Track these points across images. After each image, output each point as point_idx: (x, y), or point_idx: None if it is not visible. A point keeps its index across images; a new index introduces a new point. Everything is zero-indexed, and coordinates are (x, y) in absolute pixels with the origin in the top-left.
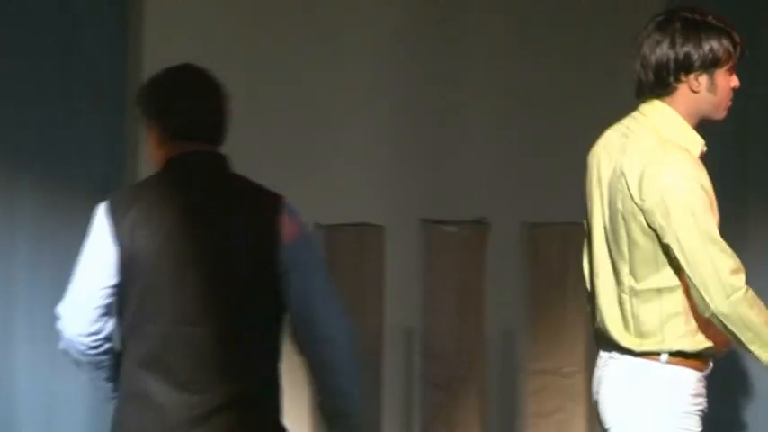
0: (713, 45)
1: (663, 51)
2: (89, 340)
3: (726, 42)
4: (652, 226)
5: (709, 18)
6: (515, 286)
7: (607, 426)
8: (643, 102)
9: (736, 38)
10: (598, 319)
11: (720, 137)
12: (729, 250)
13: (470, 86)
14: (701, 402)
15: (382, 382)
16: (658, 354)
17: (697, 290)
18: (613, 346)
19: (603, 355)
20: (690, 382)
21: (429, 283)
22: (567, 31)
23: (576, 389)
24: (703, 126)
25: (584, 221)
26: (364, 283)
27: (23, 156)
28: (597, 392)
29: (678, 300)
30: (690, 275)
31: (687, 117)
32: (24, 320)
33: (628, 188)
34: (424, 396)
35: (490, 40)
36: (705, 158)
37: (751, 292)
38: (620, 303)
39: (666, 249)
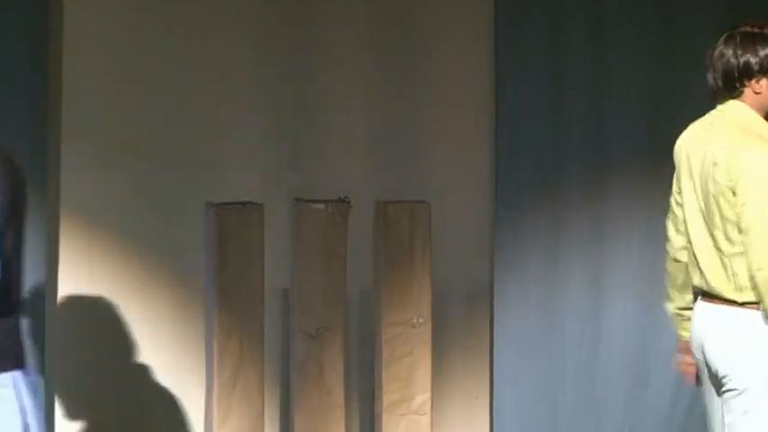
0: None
1: (727, 62)
2: None
3: None
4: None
5: (766, 30)
6: (371, 253)
7: (721, 374)
8: (719, 103)
9: None
10: (700, 278)
11: None
12: None
13: (334, 86)
14: None
15: (263, 330)
16: (757, 303)
17: (747, 253)
18: (718, 299)
19: (706, 307)
20: None
21: (301, 252)
22: (411, 32)
23: (424, 336)
24: None
25: (675, 205)
26: (247, 253)
27: None
28: (702, 341)
29: None
30: (745, 240)
31: (757, 112)
32: None
33: (716, 172)
34: (298, 344)
35: (351, 40)
36: None
37: None
38: (723, 265)
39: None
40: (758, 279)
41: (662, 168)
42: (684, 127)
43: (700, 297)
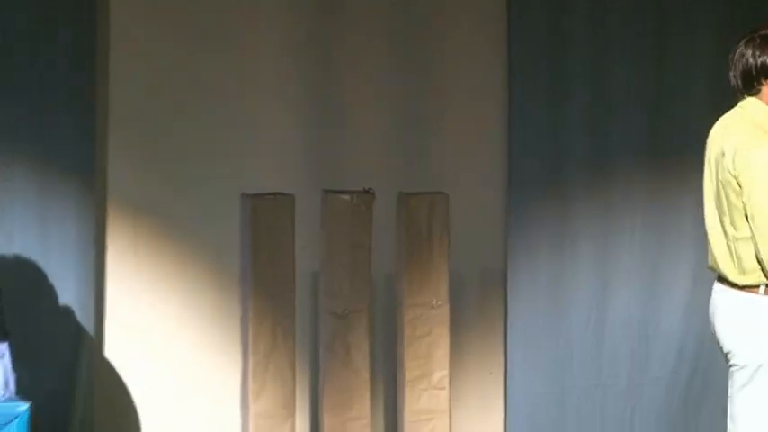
0: None
1: (746, 62)
2: None
3: None
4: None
5: None
6: (393, 241)
7: (726, 350)
8: (740, 100)
9: None
10: (713, 260)
11: None
12: None
13: (359, 86)
14: None
15: (294, 312)
16: (757, 286)
17: (755, 238)
18: (724, 281)
19: (717, 286)
20: None
21: (328, 239)
22: (431, 39)
23: (442, 317)
24: None
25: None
26: (279, 240)
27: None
28: (713, 318)
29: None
30: (752, 226)
31: None
32: None
33: (725, 163)
34: (327, 324)
35: (375, 45)
36: None
37: None
38: (729, 248)
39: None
40: (764, 260)
41: (662, 164)
42: (684, 124)
43: (716, 277)
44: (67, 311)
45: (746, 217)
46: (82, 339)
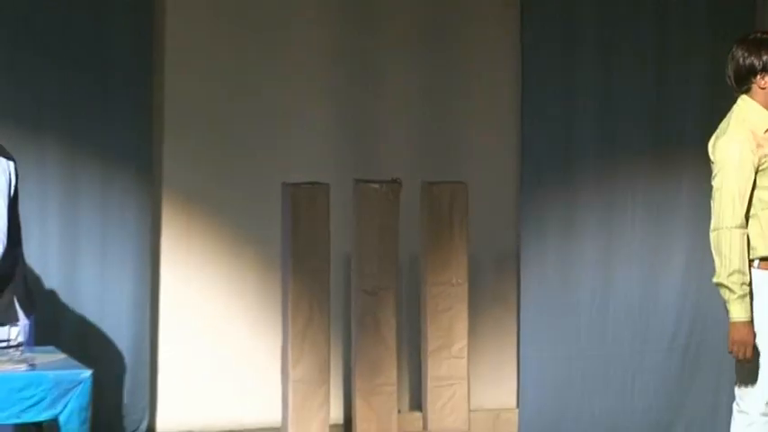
0: None
1: (737, 63)
2: None
3: None
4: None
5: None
6: (418, 225)
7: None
8: (737, 97)
9: None
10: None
11: None
12: (739, 198)
13: (388, 86)
14: None
15: (329, 289)
16: (753, 260)
17: (712, 213)
18: None
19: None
20: (765, 277)
21: (360, 224)
22: (451, 44)
23: (461, 294)
24: None
25: None
26: (316, 224)
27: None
28: None
29: (755, 223)
30: (713, 201)
31: (765, 105)
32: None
33: (709, 153)
34: (358, 300)
35: (403, 51)
36: None
37: (735, 233)
38: None
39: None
40: (711, 238)
41: (660, 159)
42: (681, 123)
43: None
44: (127, 291)
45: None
46: (140, 315)
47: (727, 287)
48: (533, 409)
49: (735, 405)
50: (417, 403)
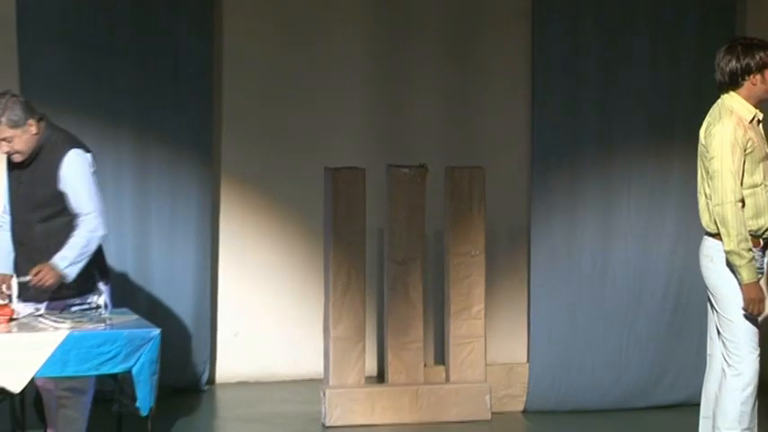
0: (761, 55)
1: (733, 64)
2: None
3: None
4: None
5: (755, 41)
6: (442, 204)
7: (707, 284)
8: (723, 94)
9: None
10: (701, 217)
11: None
12: (737, 176)
13: (417, 82)
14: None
15: (365, 259)
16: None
17: (713, 191)
18: (705, 231)
19: (703, 237)
20: None
21: (392, 203)
22: (471, 47)
23: (479, 264)
24: None
25: None
26: (353, 203)
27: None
28: (700, 259)
29: None
30: (711, 183)
31: (748, 99)
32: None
33: (701, 139)
34: (390, 269)
35: (430, 51)
36: None
37: (738, 206)
38: (707, 206)
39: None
40: (716, 212)
41: (652, 145)
42: (670, 113)
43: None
44: (190, 260)
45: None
46: (201, 281)
47: (738, 254)
48: (541, 363)
49: (727, 370)
50: (441, 358)
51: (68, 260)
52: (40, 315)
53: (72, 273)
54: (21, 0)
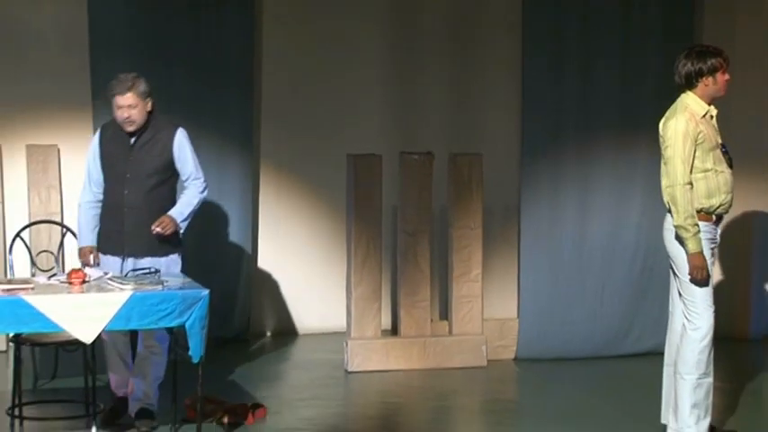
0: (713, 61)
1: (688, 67)
2: None
3: (719, 59)
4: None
5: (710, 48)
6: (446, 185)
7: (669, 254)
8: (681, 93)
9: (725, 56)
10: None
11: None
12: (686, 162)
13: (425, 78)
14: (709, 239)
15: (381, 232)
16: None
17: (666, 174)
18: (666, 209)
19: (667, 213)
20: (700, 226)
21: (403, 184)
22: (472, 51)
23: (477, 236)
24: None
25: None
26: (371, 185)
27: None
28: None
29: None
30: (665, 167)
31: (702, 98)
32: None
33: (659, 130)
34: (402, 240)
35: (435, 52)
36: None
37: (686, 188)
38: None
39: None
40: (668, 192)
41: (624, 134)
42: (639, 106)
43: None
44: (234, 233)
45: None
46: (244, 250)
47: (684, 228)
48: (529, 318)
49: (687, 324)
50: (445, 314)
51: (183, 215)
52: (109, 278)
53: (184, 226)
54: (92, 20)
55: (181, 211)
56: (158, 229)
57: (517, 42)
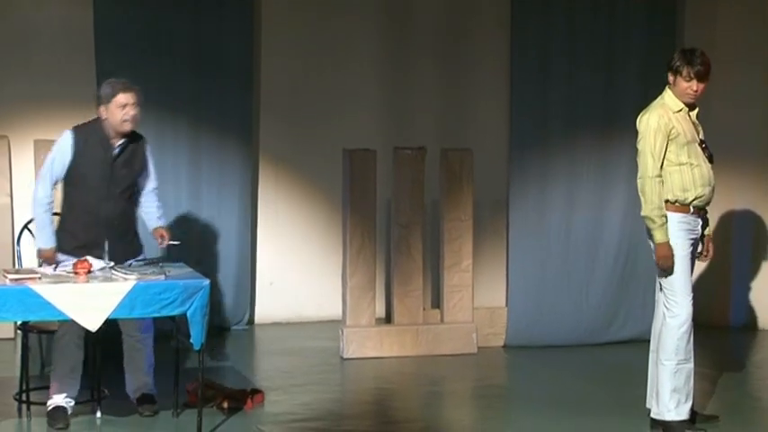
0: (677, 63)
1: (668, 65)
2: None
3: (685, 65)
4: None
5: (695, 51)
6: (437, 179)
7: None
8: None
9: (698, 66)
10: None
11: None
12: (656, 156)
13: (417, 77)
14: (687, 230)
15: (375, 224)
16: (666, 201)
17: (638, 166)
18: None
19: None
20: (676, 217)
21: (397, 178)
22: (463, 52)
23: (468, 227)
24: None
25: None
26: (366, 179)
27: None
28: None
29: (665, 175)
30: (638, 159)
31: (676, 94)
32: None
33: (637, 125)
34: (395, 231)
35: (428, 50)
36: None
37: (655, 180)
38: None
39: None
40: (638, 184)
41: (607, 130)
42: (621, 103)
43: None
44: (234, 223)
45: None
46: (243, 239)
47: (651, 219)
48: (518, 307)
49: (666, 313)
50: (437, 303)
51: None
52: (113, 268)
53: None
54: (98, 19)
55: (161, 218)
56: (169, 242)
57: (506, 41)
